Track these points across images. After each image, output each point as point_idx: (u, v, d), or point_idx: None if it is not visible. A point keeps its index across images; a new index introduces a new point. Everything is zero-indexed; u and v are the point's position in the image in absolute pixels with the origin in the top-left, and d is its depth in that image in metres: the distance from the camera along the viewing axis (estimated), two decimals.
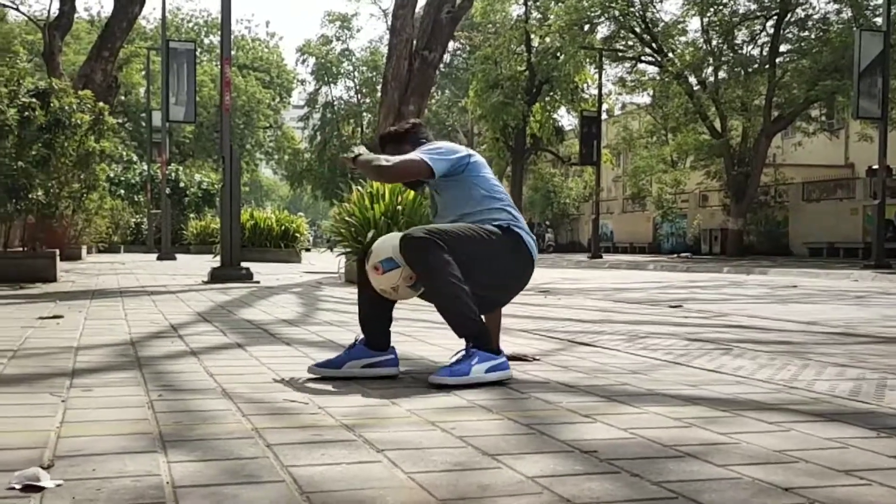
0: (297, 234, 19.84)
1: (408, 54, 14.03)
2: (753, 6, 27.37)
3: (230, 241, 9.81)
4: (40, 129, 8.69)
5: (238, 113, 47.54)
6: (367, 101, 53.86)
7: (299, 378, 3.04)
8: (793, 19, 26.73)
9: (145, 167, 29.22)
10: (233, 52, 9.92)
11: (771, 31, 26.98)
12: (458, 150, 3.32)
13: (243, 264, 10.02)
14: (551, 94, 37.33)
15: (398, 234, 3.13)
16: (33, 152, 8.68)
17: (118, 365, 3.37)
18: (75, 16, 20.49)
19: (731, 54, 28.30)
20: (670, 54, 28.52)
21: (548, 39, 35.01)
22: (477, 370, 2.93)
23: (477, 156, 3.38)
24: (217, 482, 1.73)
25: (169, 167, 26.28)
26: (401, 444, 2.08)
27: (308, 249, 22.77)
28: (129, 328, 4.73)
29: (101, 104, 10.11)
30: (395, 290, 3.08)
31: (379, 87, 45.23)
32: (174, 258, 18.92)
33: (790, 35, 27.12)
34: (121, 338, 4.26)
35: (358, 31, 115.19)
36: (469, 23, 40.73)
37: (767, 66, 26.28)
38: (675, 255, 28.82)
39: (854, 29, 20.06)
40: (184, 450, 2.00)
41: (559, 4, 33.76)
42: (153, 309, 6.06)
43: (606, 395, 2.81)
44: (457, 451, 2.02)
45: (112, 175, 16.26)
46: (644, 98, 35.01)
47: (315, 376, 3.04)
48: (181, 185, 32.41)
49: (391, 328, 3.25)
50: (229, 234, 9.80)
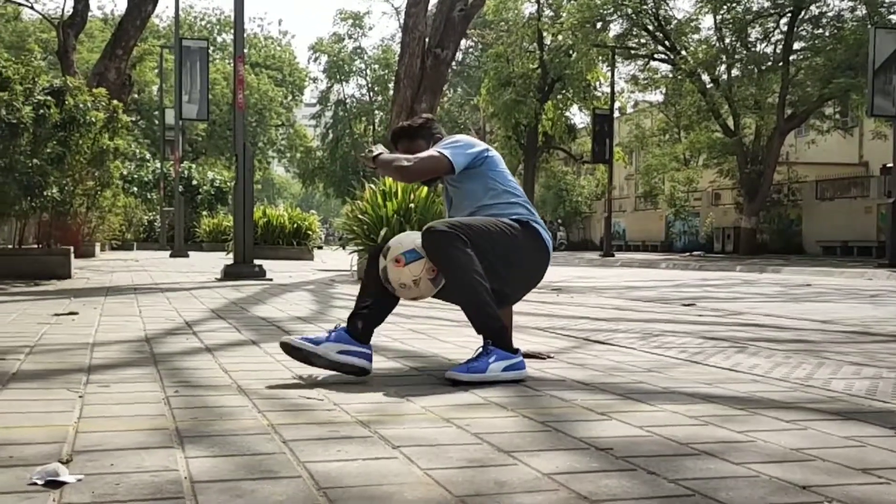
0: (310, 232, 19.89)
1: (420, 52, 14.02)
2: (767, 3, 27.26)
3: (243, 239, 9.83)
4: (55, 127, 8.73)
5: (251, 111, 47.63)
6: (380, 99, 53.89)
7: (314, 375, 3.05)
8: (807, 17, 26.59)
9: (158, 165, 29.32)
10: (245, 51, 9.91)
11: (785, 28, 26.85)
12: (477, 144, 3.34)
13: (256, 262, 10.05)
14: (563, 91, 37.30)
15: (418, 232, 3.13)
16: (48, 150, 8.72)
17: (134, 361, 3.39)
18: (89, 14, 20.57)
19: (745, 52, 28.19)
20: (683, 52, 28.44)
21: (560, 37, 34.95)
22: (494, 368, 2.92)
23: (494, 151, 3.40)
24: (234, 477, 1.74)
25: (182, 165, 26.37)
26: (416, 440, 2.09)
27: (320, 247, 22.82)
28: (143, 325, 4.75)
29: (115, 102, 10.16)
30: (416, 283, 3.03)
31: (391, 85, 45.25)
32: (187, 256, 18.99)
33: (804, 32, 26.99)
34: (136, 334, 4.28)
35: (370, 29, 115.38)
36: (481, 20, 40.69)
37: (781, 63, 26.17)
38: (688, 254, 28.74)
39: (868, 26, 19.96)
40: (201, 445, 2.01)
41: (572, 2, 33.73)
42: (167, 306, 6.08)
43: (622, 392, 2.80)
44: (472, 448, 2.02)
45: (125, 173, 16.29)
46: (657, 96, 34.93)
47: (290, 345, 2.96)
48: (194, 182, 32.51)
49: (380, 330, 3.23)
50: (242, 232, 9.82)
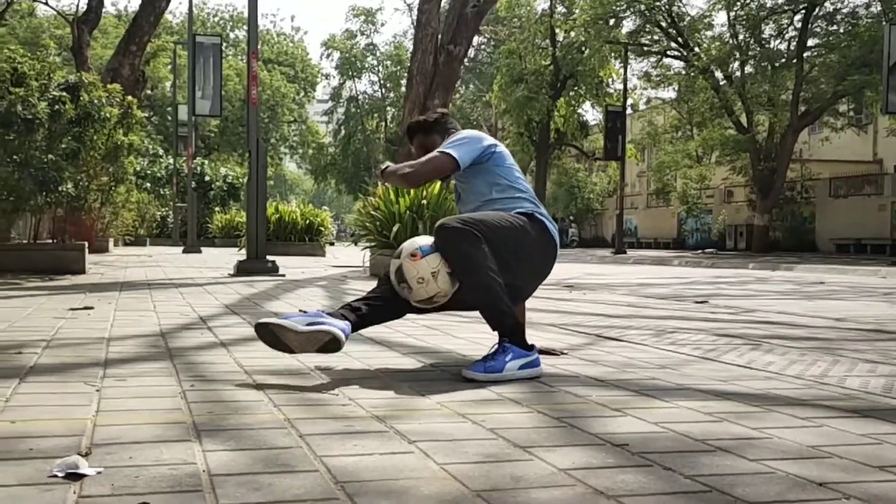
0: (322, 228, 19.93)
1: (433, 48, 14.04)
2: (781, 0, 27.13)
3: (256, 235, 9.86)
4: (70, 123, 8.78)
5: (263, 107, 47.71)
6: (392, 95, 53.97)
7: (329, 369, 3.06)
8: (821, 13, 26.45)
9: (171, 161, 29.42)
10: (258, 47, 9.93)
11: (799, 25, 26.72)
12: (484, 139, 3.33)
13: (269, 257, 10.08)
14: (576, 88, 37.25)
15: (430, 236, 3.13)
16: (63, 145, 8.77)
17: (150, 355, 3.41)
18: (103, 10, 20.66)
19: (758, 49, 28.07)
20: (696, 49, 28.33)
21: (573, 34, 34.89)
22: (511, 367, 2.91)
23: (502, 147, 3.39)
24: (252, 471, 1.75)
25: (195, 161, 26.44)
26: (432, 435, 2.09)
27: (332, 243, 22.85)
28: (158, 320, 4.77)
29: (129, 98, 10.21)
30: (434, 275, 2.99)
31: (403, 82, 45.27)
32: (199, 251, 19.05)
33: (818, 29, 26.85)
34: (151, 329, 4.30)
35: (382, 25, 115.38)
36: (494, 17, 40.68)
37: (795, 60, 26.04)
38: (700, 251, 28.67)
39: (883, 23, 19.83)
40: (218, 439, 2.02)
41: None
42: (181, 301, 6.11)
43: (636, 389, 2.80)
44: (488, 443, 2.03)
45: (138, 169, 16.38)
46: (669, 93, 34.80)
47: (260, 325, 2.95)
48: (206, 178, 32.60)
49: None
50: (255, 228, 9.85)
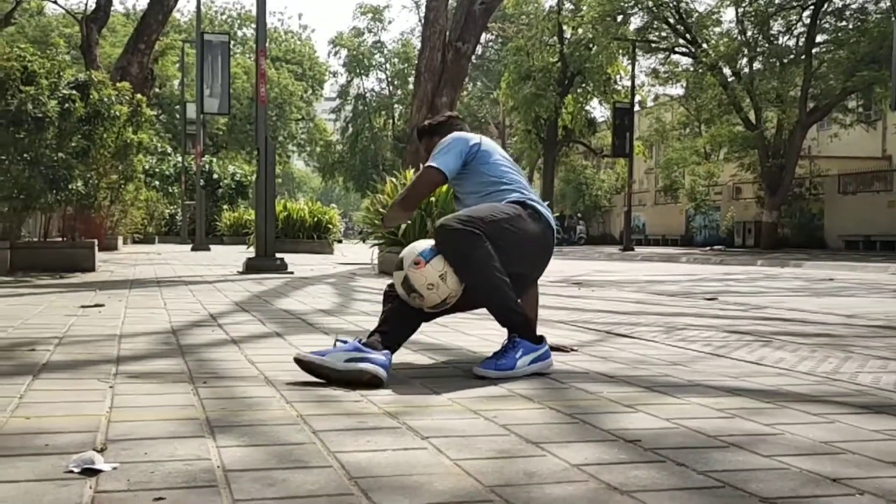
0: (330, 226, 19.95)
1: (441, 46, 14.04)
2: None
3: (265, 232, 9.88)
4: (80, 121, 8.81)
5: (271, 105, 47.75)
6: (399, 92, 53.99)
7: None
8: (830, 9, 26.34)
9: (180, 159, 29.49)
10: (266, 45, 9.94)
11: (807, 21, 26.60)
12: (465, 140, 3.29)
13: (277, 255, 10.10)
14: (584, 85, 37.20)
15: (427, 241, 3.09)
16: (73, 143, 8.80)
17: (161, 352, 3.42)
18: (111, 9, 20.70)
19: (767, 45, 27.97)
20: (704, 45, 28.25)
21: (580, 31, 34.85)
22: (521, 363, 2.92)
23: (486, 142, 3.35)
24: (266, 467, 1.76)
25: (203, 159, 26.49)
26: (445, 431, 2.10)
27: (340, 241, 22.87)
28: (169, 317, 4.79)
29: (138, 96, 10.24)
30: (443, 278, 2.94)
31: (411, 79, 45.28)
32: (208, 249, 19.10)
33: (827, 25, 26.73)
34: (162, 326, 4.32)
35: (390, 22, 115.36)
36: (501, 14, 40.65)
37: (803, 56, 25.93)
38: (708, 248, 28.60)
39: (892, 19, 19.77)
40: (231, 435, 2.03)
41: None
42: (191, 298, 6.13)
43: (647, 385, 2.80)
44: (500, 439, 2.03)
45: (147, 167, 16.44)
46: (677, 89, 34.76)
47: (299, 360, 2.79)
48: (215, 176, 32.65)
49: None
50: (264, 225, 9.87)
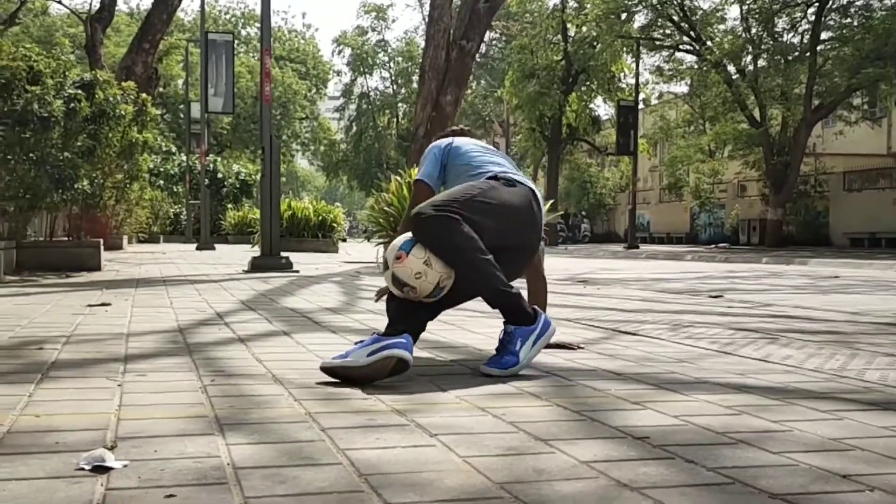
0: (335, 225, 19.97)
1: (445, 44, 14.04)
2: None
3: (270, 231, 9.89)
4: (85, 121, 8.82)
5: (275, 104, 47.71)
6: (403, 91, 53.99)
7: None
8: (834, 6, 26.30)
9: (184, 158, 29.53)
10: (271, 44, 9.93)
11: (812, 18, 26.58)
12: (438, 145, 3.44)
13: (282, 254, 10.11)
14: (588, 83, 37.14)
15: (404, 234, 3.05)
16: (79, 143, 8.82)
17: (169, 351, 3.43)
18: (115, 8, 20.73)
19: (771, 42, 27.95)
20: (709, 43, 28.22)
21: (584, 28, 34.82)
22: (524, 352, 2.89)
23: (459, 140, 3.46)
24: (276, 464, 1.76)
25: (207, 158, 26.53)
26: (453, 428, 2.10)
27: (344, 239, 22.90)
28: (175, 315, 4.80)
29: (143, 95, 10.25)
30: (427, 263, 2.88)
31: (414, 78, 45.26)
32: (213, 248, 19.12)
33: (832, 22, 26.70)
34: (169, 325, 4.33)
35: (393, 21, 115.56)
36: (505, 12, 40.63)
37: (808, 53, 25.90)
38: (713, 246, 28.58)
39: None
40: (240, 433, 2.03)
41: None
42: (197, 297, 6.14)
43: (655, 382, 2.80)
44: (509, 437, 2.03)
45: (152, 166, 16.47)
46: (682, 87, 34.73)
47: (324, 368, 2.78)
48: (219, 175, 32.71)
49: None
50: (269, 224, 9.88)
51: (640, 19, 31.40)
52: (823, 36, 26.61)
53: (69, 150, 8.58)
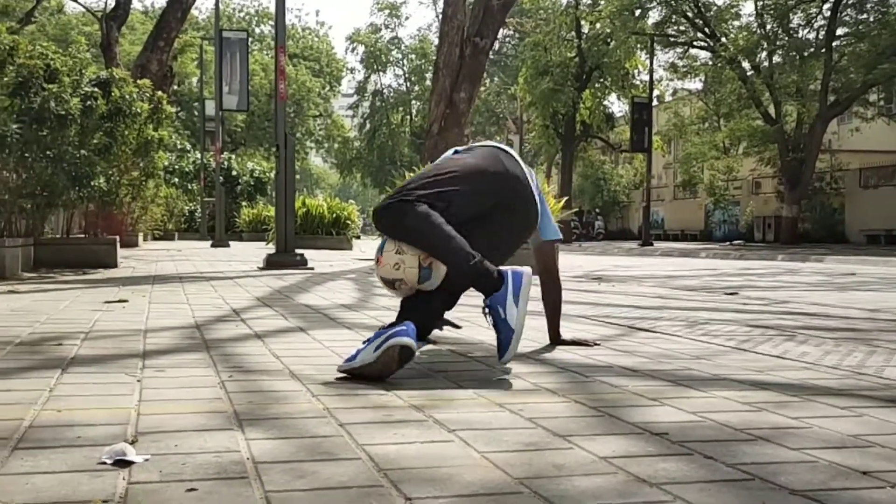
0: (349, 222, 19.99)
1: (459, 41, 14.03)
2: None
3: (285, 228, 9.91)
4: (102, 118, 8.87)
5: (289, 102, 47.84)
6: (416, 88, 54.04)
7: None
8: (850, 2, 26.15)
9: (199, 156, 29.63)
10: (286, 41, 9.96)
11: (828, 13, 26.43)
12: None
13: (297, 251, 10.13)
14: (601, 80, 37.10)
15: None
16: (95, 141, 8.86)
17: (186, 347, 3.45)
18: (130, 7, 20.83)
19: (787, 38, 27.81)
20: (723, 39, 28.12)
21: (598, 25, 34.76)
22: (511, 316, 2.77)
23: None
24: (296, 459, 1.77)
25: (222, 155, 26.61)
26: (471, 424, 2.11)
27: (358, 237, 22.93)
28: (192, 312, 4.82)
29: (158, 93, 10.29)
30: (400, 253, 2.87)
31: (428, 75, 45.27)
32: (228, 245, 19.18)
33: (848, 18, 26.54)
34: (186, 321, 4.35)
35: (407, 19, 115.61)
36: (519, 9, 40.57)
37: (824, 49, 25.77)
38: (728, 243, 28.48)
39: None
40: (259, 428, 2.05)
41: None
42: (213, 294, 6.16)
43: (672, 379, 2.80)
44: (527, 432, 2.04)
45: (167, 163, 16.55)
46: (696, 84, 34.60)
47: (344, 372, 2.77)
48: (234, 173, 32.82)
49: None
50: (284, 221, 9.90)
51: (654, 16, 31.36)
52: (839, 32, 26.45)
53: (86, 148, 8.62)
